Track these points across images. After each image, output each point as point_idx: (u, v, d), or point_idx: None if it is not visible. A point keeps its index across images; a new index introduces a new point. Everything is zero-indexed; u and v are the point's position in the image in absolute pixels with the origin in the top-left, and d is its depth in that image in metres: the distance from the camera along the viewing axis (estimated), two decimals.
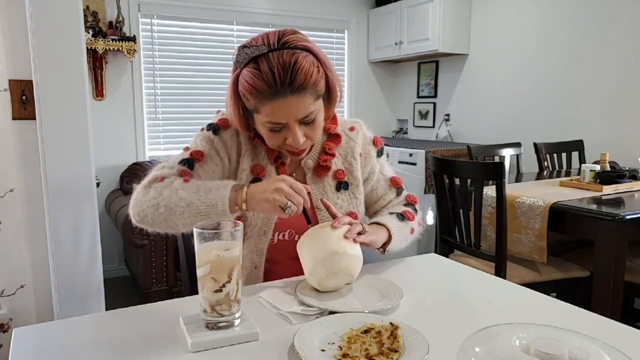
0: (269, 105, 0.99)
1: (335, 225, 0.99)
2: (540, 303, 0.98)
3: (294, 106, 0.99)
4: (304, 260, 0.99)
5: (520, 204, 2.01)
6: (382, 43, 4.28)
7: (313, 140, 1.09)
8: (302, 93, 0.98)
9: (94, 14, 3.31)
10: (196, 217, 0.97)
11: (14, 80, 1.78)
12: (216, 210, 0.97)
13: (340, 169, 1.20)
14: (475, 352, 0.70)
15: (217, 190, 0.98)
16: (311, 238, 0.99)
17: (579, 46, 3.11)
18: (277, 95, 0.97)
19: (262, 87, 0.97)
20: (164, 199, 0.99)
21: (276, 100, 0.98)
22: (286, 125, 1.02)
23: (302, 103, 0.99)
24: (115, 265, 3.61)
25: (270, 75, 0.96)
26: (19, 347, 0.79)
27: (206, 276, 0.80)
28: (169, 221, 1.00)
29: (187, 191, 0.99)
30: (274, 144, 1.07)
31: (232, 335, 0.80)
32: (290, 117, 1.00)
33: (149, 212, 1.01)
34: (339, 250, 0.95)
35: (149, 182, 1.04)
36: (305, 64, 0.98)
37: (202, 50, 3.79)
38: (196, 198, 0.98)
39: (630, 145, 2.85)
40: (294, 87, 0.97)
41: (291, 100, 0.98)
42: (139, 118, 3.62)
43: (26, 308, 1.89)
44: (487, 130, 3.78)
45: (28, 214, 1.84)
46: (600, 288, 1.82)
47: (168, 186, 1.01)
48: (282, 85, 0.96)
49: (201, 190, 0.98)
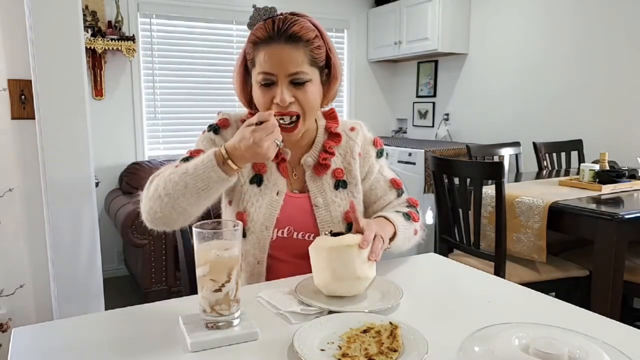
0: (263, 51, 1.04)
1: (363, 247, 0.95)
2: (539, 302, 0.98)
3: (286, 55, 1.03)
4: (320, 270, 0.96)
5: (520, 204, 2.01)
6: (381, 42, 4.28)
7: (304, 108, 1.08)
8: (296, 45, 1.04)
9: (93, 14, 3.31)
10: (199, 194, 0.96)
11: (13, 80, 1.78)
12: (211, 180, 0.95)
13: (339, 167, 1.21)
14: (475, 351, 0.70)
15: (202, 162, 0.96)
16: (335, 253, 0.94)
17: (578, 45, 3.11)
18: (271, 41, 1.03)
19: (261, 35, 1.05)
20: (164, 189, 0.98)
21: (270, 46, 1.04)
22: (275, 81, 1.05)
23: (294, 55, 1.03)
24: (115, 265, 3.61)
25: (270, 24, 1.05)
26: (18, 347, 0.79)
27: (205, 276, 0.80)
28: (177, 207, 0.98)
29: (178, 174, 0.97)
30: (264, 104, 1.07)
31: (232, 335, 0.79)
32: (280, 69, 1.03)
33: (155, 206, 0.99)
34: (362, 275, 0.93)
35: (150, 181, 1.05)
36: (304, 23, 1.06)
37: (201, 50, 3.78)
38: (189, 178, 0.96)
39: (629, 144, 2.85)
40: (287, 34, 1.03)
41: (284, 49, 1.03)
42: (138, 117, 3.62)
43: (25, 308, 1.89)
44: (487, 129, 3.78)
45: (27, 214, 1.84)
46: (599, 287, 1.82)
47: (163, 177, 1.00)
48: (279, 31, 1.03)
49: (190, 169, 0.96)
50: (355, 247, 0.94)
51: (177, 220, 1.00)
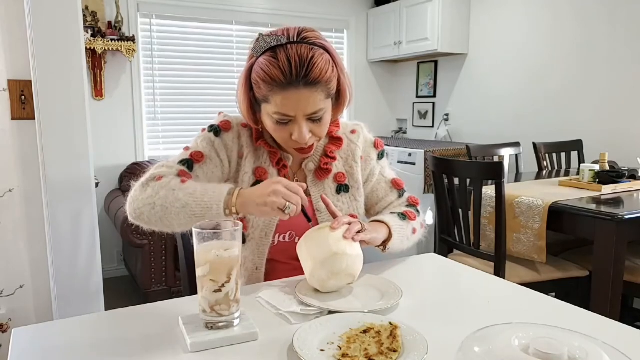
0: (280, 95, 1.00)
1: (335, 227, 0.98)
2: (539, 303, 0.98)
3: (304, 100, 1.00)
4: (304, 262, 0.99)
5: (520, 204, 2.01)
6: (381, 43, 4.28)
7: (319, 138, 1.09)
8: (315, 88, 1.00)
9: (93, 14, 3.31)
10: (191, 219, 0.97)
11: (13, 80, 1.78)
12: (211, 212, 0.97)
13: (341, 172, 1.21)
14: (475, 351, 0.70)
15: (213, 192, 0.98)
16: (310, 240, 0.99)
17: (578, 45, 3.11)
18: (290, 86, 0.99)
19: (277, 76, 0.98)
20: (161, 199, 0.99)
21: (288, 91, 0.99)
22: (294, 120, 1.03)
23: (313, 98, 1.01)
24: (115, 265, 3.61)
25: (287, 65, 0.97)
26: (18, 347, 0.79)
27: (205, 276, 0.80)
28: (165, 220, 1.00)
29: (184, 192, 0.98)
30: (280, 138, 1.08)
31: (232, 335, 0.79)
32: (299, 111, 1.01)
33: (145, 210, 1.00)
34: (338, 251, 0.95)
35: (147, 180, 1.04)
36: (322, 60, 1.00)
37: (201, 50, 3.78)
38: (192, 200, 0.97)
39: (629, 145, 2.85)
40: (308, 80, 0.98)
41: (303, 93, 0.99)
42: (138, 118, 3.62)
43: (25, 308, 1.89)
44: (487, 130, 3.78)
45: (27, 214, 1.84)
46: (599, 288, 1.82)
47: (165, 186, 1.01)
48: (297, 76, 0.98)
49: (197, 193, 0.98)
50: (327, 228, 0.99)
51: (158, 228, 1.03)
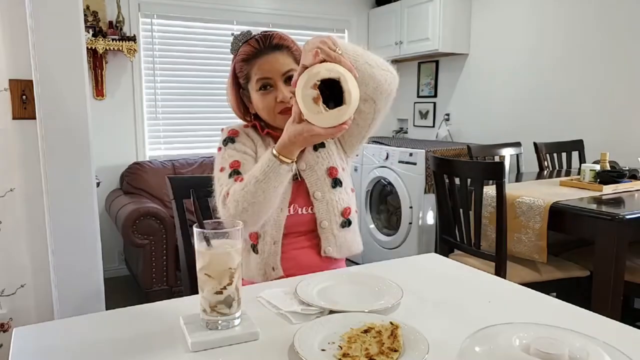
0: (255, 64, 1.22)
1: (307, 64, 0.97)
2: (540, 303, 0.98)
3: (275, 61, 1.21)
4: (301, 104, 0.97)
5: (520, 204, 2.01)
6: (382, 43, 4.28)
7: None
8: (281, 51, 1.21)
9: (94, 14, 3.31)
10: (277, 190, 1.09)
11: (14, 80, 1.78)
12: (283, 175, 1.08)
13: (333, 166, 1.29)
14: (475, 351, 0.70)
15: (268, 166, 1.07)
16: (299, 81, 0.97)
17: (579, 46, 3.11)
18: (261, 54, 1.21)
19: (249, 51, 1.22)
20: (244, 202, 1.09)
21: (261, 58, 1.21)
22: (274, 85, 1.21)
23: (282, 58, 1.21)
24: (116, 264, 3.61)
25: (254, 42, 1.23)
26: (19, 346, 0.79)
27: (206, 276, 0.80)
28: (263, 209, 1.11)
29: (252, 184, 1.09)
30: (268, 106, 1.23)
31: (232, 335, 0.80)
32: (275, 72, 1.20)
33: (244, 218, 1.10)
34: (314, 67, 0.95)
35: (222, 202, 1.14)
36: (281, 35, 1.24)
37: (202, 50, 3.78)
38: (264, 184, 1.08)
39: (630, 145, 2.84)
40: (272, 44, 1.21)
41: (273, 56, 1.21)
42: (139, 118, 3.62)
43: (26, 308, 1.89)
44: (487, 129, 3.78)
45: (28, 214, 1.85)
46: (600, 288, 1.82)
47: (234, 195, 1.11)
48: (264, 45, 1.21)
49: (259, 176, 1.08)
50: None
51: (264, 218, 1.15)
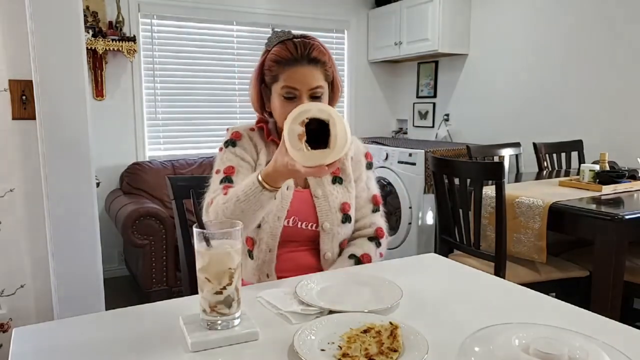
0: (288, 71, 1.21)
1: None
2: (539, 303, 0.98)
3: (308, 74, 1.21)
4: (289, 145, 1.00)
5: (520, 204, 2.01)
6: (381, 43, 4.28)
7: None
8: (316, 66, 1.22)
9: (94, 14, 3.31)
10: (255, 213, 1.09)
11: (14, 80, 1.79)
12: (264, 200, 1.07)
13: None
14: (475, 351, 0.70)
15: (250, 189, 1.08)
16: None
17: (578, 46, 3.11)
18: (296, 63, 1.21)
19: (285, 56, 1.21)
20: (222, 216, 1.11)
21: (294, 67, 1.21)
22: (298, 96, 1.21)
23: (314, 74, 1.21)
24: (115, 265, 3.61)
25: (293, 47, 1.22)
26: (19, 347, 0.79)
27: (206, 276, 0.81)
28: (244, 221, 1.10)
29: (232, 203, 1.10)
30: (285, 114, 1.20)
31: (232, 335, 0.80)
32: (303, 85, 1.20)
33: None
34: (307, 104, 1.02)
35: (205, 209, 1.18)
36: (321, 46, 1.25)
37: (202, 51, 3.78)
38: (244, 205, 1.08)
39: (629, 145, 2.85)
40: (310, 57, 1.21)
41: (306, 69, 1.21)
42: (139, 118, 3.62)
43: (26, 308, 1.89)
44: (487, 130, 3.78)
45: (28, 214, 1.85)
46: (599, 288, 1.82)
47: (216, 207, 1.14)
48: (302, 55, 1.20)
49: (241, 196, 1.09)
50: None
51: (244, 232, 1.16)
